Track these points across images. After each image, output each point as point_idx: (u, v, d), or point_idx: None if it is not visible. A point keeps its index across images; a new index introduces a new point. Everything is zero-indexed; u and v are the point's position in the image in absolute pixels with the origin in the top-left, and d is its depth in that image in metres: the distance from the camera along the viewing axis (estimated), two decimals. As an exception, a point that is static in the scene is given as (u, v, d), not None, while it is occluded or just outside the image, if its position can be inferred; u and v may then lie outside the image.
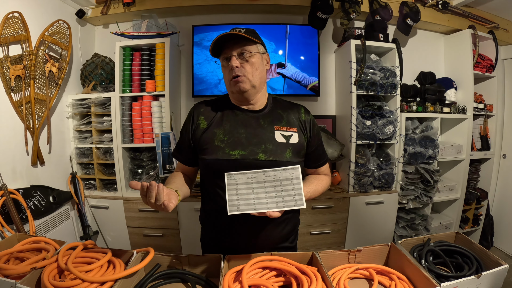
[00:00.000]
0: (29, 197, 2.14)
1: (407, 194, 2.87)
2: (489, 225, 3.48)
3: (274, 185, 1.03)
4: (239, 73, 1.16)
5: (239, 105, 1.27)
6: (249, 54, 1.18)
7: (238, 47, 1.17)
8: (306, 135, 1.27)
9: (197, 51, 2.92)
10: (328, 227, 2.74)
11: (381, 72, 2.77)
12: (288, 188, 1.03)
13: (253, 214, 0.99)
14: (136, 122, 2.69)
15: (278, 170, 1.05)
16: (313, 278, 0.97)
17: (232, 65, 1.15)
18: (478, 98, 3.35)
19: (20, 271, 0.96)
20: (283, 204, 1.00)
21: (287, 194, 1.02)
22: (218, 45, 1.19)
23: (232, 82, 1.18)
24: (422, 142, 2.89)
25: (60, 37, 2.48)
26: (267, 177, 1.05)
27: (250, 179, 1.04)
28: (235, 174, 1.05)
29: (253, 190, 1.03)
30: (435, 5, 3.02)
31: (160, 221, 2.66)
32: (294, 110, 1.31)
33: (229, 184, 1.04)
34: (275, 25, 2.94)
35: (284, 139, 1.22)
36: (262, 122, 1.24)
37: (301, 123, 1.28)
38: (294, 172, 1.05)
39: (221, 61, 1.22)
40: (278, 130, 1.23)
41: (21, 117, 2.18)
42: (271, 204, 1.00)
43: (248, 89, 1.19)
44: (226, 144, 1.18)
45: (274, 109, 1.29)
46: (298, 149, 1.23)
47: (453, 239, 1.25)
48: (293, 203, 1.01)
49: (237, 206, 1.00)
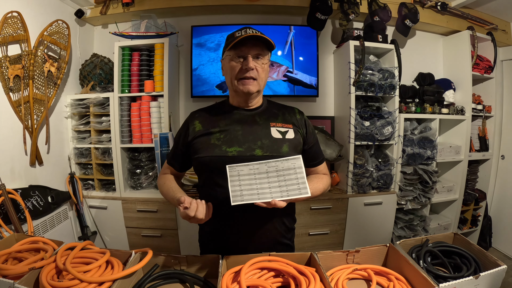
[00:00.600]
0: (27, 197, 2.14)
1: (406, 195, 2.88)
2: (487, 226, 3.49)
3: (277, 175, 1.03)
4: (253, 75, 1.16)
5: (237, 106, 1.28)
6: (264, 59, 1.19)
7: (256, 50, 1.17)
8: (301, 132, 1.29)
9: (201, 52, 2.92)
10: (326, 228, 2.74)
11: (379, 73, 2.77)
12: (291, 177, 1.02)
13: (257, 205, 0.98)
14: (135, 123, 2.69)
15: (280, 160, 1.05)
16: (311, 278, 0.97)
17: (250, 66, 1.14)
18: (476, 99, 3.36)
19: (18, 271, 0.96)
20: (287, 193, 0.99)
21: (291, 183, 1.01)
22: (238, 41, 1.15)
23: (241, 82, 1.18)
24: (421, 143, 2.90)
25: (59, 37, 2.48)
26: (269, 167, 1.04)
27: (252, 170, 1.04)
28: (237, 166, 1.05)
29: (256, 181, 1.02)
30: (434, 6, 3.03)
31: (159, 221, 2.66)
32: (289, 110, 1.35)
33: (231, 175, 1.03)
34: (275, 26, 2.94)
35: (280, 135, 1.22)
36: (258, 119, 1.25)
37: (296, 121, 1.30)
38: (296, 162, 1.05)
39: (232, 56, 1.18)
40: (274, 126, 1.24)
41: (19, 117, 2.18)
42: (275, 194, 0.99)
43: (254, 92, 1.20)
44: (223, 142, 1.18)
45: (269, 108, 1.32)
46: (295, 144, 1.24)
47: (451, 240, 1.25)
48: (298, 191, 0.99)
49: (240, 196, 0.99)
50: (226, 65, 1.22)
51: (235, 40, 1.13)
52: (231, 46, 1.15)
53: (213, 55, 2.91)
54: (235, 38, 1.14)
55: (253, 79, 1.17)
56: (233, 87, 1.22)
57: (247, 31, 1.15)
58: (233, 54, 1.18)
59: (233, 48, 1.17)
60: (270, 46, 1.20)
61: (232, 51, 1.18)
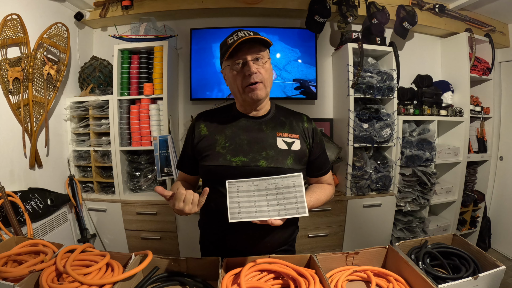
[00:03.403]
0: (26, 199, 2.14)
1: (405, 197, 2.88)
2: (486, 227, 3.50)
3: (276, 192, 1.02)
4: (257, 80, 1.12)
5: (244, 112, 1.25)
6: (264, 59, 1.14)
7: (254, 51, 1.12)
8: (308, 143, 1.25)
9: (200, 54, 2.93)
10: (326, 230, 2.74)
11: (378, 75, 2.78)
12: (290, 196, 1.01)
13: (254, 222, 0.98)
14: (134, 125, 2.69)
15: (280, 177, 1.04)
16: (311, 280, 0.97)
17: (252, 70, 1.10)
18: (474, 101, 3.37)
19: (19, 274, 0.96)
20: (285, 212, 0.99)
21: (289, 202, 1.00)
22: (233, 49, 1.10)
23: (248, 89, 1.13)
24: (419, 144, 2.91)
25: (59, 40, 2.49)
26: (268, 184, 1.03)
27: (251, 187, 1.03)
28: (237, 182, 1.04)
29: (255, 198, 1.01)
30: (432, 9, 3.05)
31: (158, 224, 2.66)
32: (297, 117, 1.30)
33: (231, 191, 1.02)
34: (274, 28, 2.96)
35: (286, 146, 1.19)
36: (264, 128, 1.22)
37: (303, 131, 1.26)
38: (296, 180, 1.03)
39: (232, 66, 1.14)
40: (280, 136, 1.21)
41: (19, 119, 2.18)
42: (273, 212, 0.99)
43: (263, 97, 1.16)
44: (228, 151, 1.17)
45: (277, 116, 1.27)
46: (300, 156, 1.21)
47: (450, 241, 1.26)
48: (296, 211, 0.99)
49: (238, 214, 0.99)
50: (228, 75, 1.18)
51: (229, 49, 1.08)
52: (227, 55, 1.11)
53: (212, 57, 2.91)
54: (229, 46, 1.10)
55: (258, 83, 1.13)
56: (241, 97, 1.18)
57: (239, 34, 1.10)
58: (232, 63, 1.14)
59: (230, 57, 1.13)
60: (266, 43, 1.14)
61: (229, 60, 1.14)
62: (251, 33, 1.11)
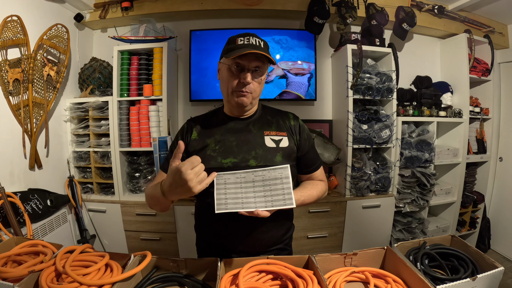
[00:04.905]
0: (26, 200, 2.14)
1: (404, 198, 2.88)
2: (486, 228, 3.50)
3: (263, 184, 1.03)
4: (248, 90, 1.15)
5: (231, 115, 1.28)
6: (262, 73, 1.17)
7: (256, 63, 1.14)
8: (295, 139, 1.28)
9: (200, 56, 2.93)
10: (325, 231, 2.74)
11: (377, 76, 2.79)
12: (277, 187, 1.02)
13: (241, 213, 0.97)
14: (134, 126, 2.70)
15: (267, 169, 1.05)
16: (309, 281, 0.98)
17: (247, 81, 1.13)
18: (474, 102, 3.37)
19: (18, 274, 0.97)
20: (272, 204, 0.99)
21: (276, 194, 1.01)
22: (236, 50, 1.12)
23: (235, 93, 1.16)
24: (419, 146, 2.91)
25: (59, 41, 2.49)
26: (256, 176, 1.04)
27: (239, 179, 1.04)
28: (224, 174, 1.05)
29: (242, 190, 1.02)
30: (431, 10, 3.05)
31: (158, 225, 2.66)
32: (283, 116, 1.33)
33: (218, 183, 1.03)
34: (273, 29, 2.97)
35: (274, 144, 1.22)
36: (252, 128, 1.25)
37: (290, 128, 1.29)
38: (284, 172, 1.04)
39: (231, 65, 1.15)
40: (268, 135, 1.24)
41: (19, 120, 2.19)
42: (260, 204, 0.99)
43: (247, 104, 1.19)
44: (218, 153, 1.19)
45: (264, 115, 1.31)
46: (289, 152, 1.23)
47: (449, 242, 1.26)
48: (282, 202, 0.99)
49: (225, 204, 0.99)
50: (223, 71, 1.20)
51: (237, 53, 1.09)
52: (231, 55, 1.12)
53: (211, 58, 2.92)
54: (236, 48, 1.12)
55: (248, 93, 1.16)
56: (227, 98, 1.21)
57: (251, 40, 1.13)
58: (232, 63, 1.15)
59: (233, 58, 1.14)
60: (270, 60, 1.16)
61: (231, 59, 1.14)
62: (262, 44, 1.16)
